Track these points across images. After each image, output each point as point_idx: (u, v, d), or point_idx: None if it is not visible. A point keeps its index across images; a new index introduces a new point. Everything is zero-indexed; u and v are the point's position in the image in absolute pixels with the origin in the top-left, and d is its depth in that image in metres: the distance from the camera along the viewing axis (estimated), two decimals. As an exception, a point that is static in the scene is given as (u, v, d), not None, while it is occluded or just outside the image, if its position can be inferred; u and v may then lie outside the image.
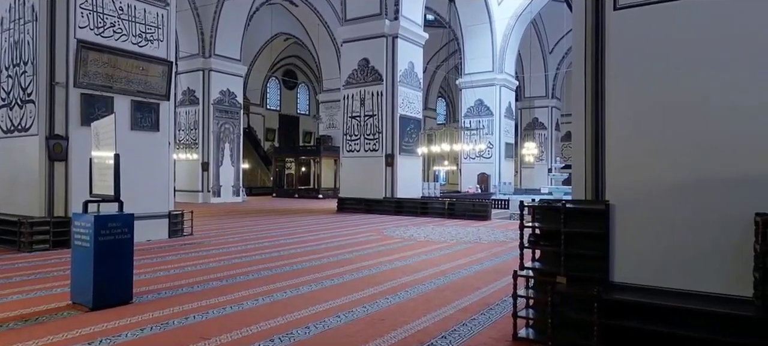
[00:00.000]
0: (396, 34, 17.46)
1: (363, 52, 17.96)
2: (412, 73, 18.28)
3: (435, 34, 24.05)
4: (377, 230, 12.21)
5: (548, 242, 4.05)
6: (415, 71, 18.46)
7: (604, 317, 3.45)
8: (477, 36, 24.44)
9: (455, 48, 26.06)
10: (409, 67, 18.05)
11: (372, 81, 17.77)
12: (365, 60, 17.92)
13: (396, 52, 17.51)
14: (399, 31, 17.42)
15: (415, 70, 18.46)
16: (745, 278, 3.25)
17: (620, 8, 3.82)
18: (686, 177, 3.55)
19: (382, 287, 5.86)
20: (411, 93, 18.23)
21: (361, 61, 18.00)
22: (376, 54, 17.68)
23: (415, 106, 18.56)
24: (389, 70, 17.56)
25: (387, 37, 17.50)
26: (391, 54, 17.55)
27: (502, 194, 22.99)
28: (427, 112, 35.29)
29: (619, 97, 3.82)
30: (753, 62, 3.34)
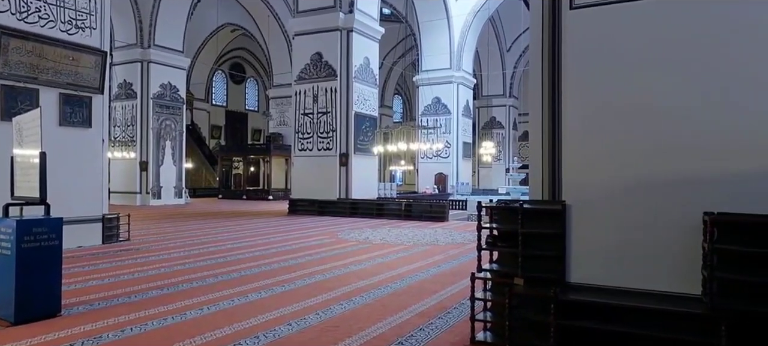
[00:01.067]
0: (351, 27, 17.43)
1: (316, 46, 17.83)
2: (368, 69, 18.31)
3: (391, 29, 24.20)
4: (331, 232, 12.15)
5: (506, 243, 4.15)
6: (371, 67, 18.50)
7: (561, 318, 3.57)
8: (434, 32, 24.77)
9: (412, 44, 26.29)
10: (364, 62, 18.07)
11: (325, 76, 17.66)
12: (318, 54, 17.79)
13: (351, 46, 17.48)
14: (354, 24, 17.40)
15: (371, 66, 18.49)
16: (694, 277, 3.45)
17: (576, 7, 3.96)
18: (639, 177, 3.73)
19: (336, 293, 5.84)
20: (366, 90, 18.26)
21: (314, 55, 17.86)
22: (329, 48, 17.59)
23: (371, 104, 18.60)
24: (344, 65, 17.51)
25: (341, 30, 17.44)
26: (345, 48, 17.51)
27: (459, 195, 23.39)
28: (384, 109, 35.43)
29: (575, 98, 3.97)
30: (701, 64, 3.55)
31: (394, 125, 31.01)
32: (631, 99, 3.76)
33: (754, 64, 3.40)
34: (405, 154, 21.97)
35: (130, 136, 21.46)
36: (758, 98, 3.38)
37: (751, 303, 3.16)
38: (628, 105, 3.77)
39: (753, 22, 3.40)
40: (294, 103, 18.57)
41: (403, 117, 41.66)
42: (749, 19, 3.42)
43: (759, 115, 3.37)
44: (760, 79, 3.38)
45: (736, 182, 3.42)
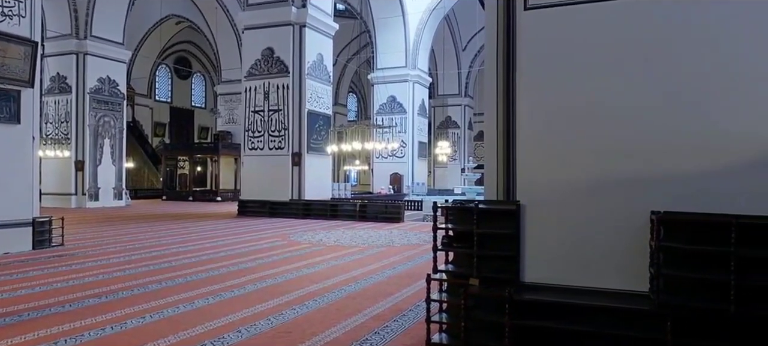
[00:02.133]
0: (304, 22, 17.27)
1: (267, 41, 17.56)
2: (321, 66, 18.19)
3: (346, 25, 24.11)
4: (283, 234, 12.00)
5: (461, 243, 4.22)
6: (325, 64, 18.39)
7: (516, 318, 3.67)
8: (390, 29, 24.88)
9: (367, 41, 26.32)
10: (317, 59, 17.94)
11: (277, 73, 17.42)
12: (270, 50, 17.53)
13: (304, 42, 17.32)
14: (307, 19, 17.26)
15: (325, 63, 18.39)
16: (643, 274, 3.62)
17: (530, 8, 4.08)
18: (590, 178, 3.88)
19: (288, 297, 5.77)
20: (320, 87, 18.14)
21: (265, 50, 17.58)
22: (281, 43, 17.36)
23: (325, 102, 18.49)
24: (296, 61, 17.33)
25: (294, 25, 17.25)
26: (298, 44, 17.33)
27: (415, 195, 23.61)
28: (338, 108, 35.32)
29: (529, 98, 4.08)
30: (649, 67, 3.72)
31: (348, 124, 30.94)
32: (583, 100, 3.90)
33: (699, 67, 3.59)
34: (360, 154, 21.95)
35: (64, 133, 20.43)
36: (703, 101, 3.58)
37: (694, 299, 3.34)
38: (579, 106, 3.92)
39: (698, 27, 3.60)
40: (244, 100, 18.22)
41: (357, 116, 41.65)
42: (695, 23, 3.61)
43: (703, 117, 3.57)
44: (704, 82, 3.58)
45: (681, 182, 3.61)
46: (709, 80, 3.57)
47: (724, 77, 3.53)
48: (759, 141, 3.43)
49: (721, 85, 3.54)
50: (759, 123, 3.44)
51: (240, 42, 21.32)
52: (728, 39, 3.52)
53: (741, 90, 3.49)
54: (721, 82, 3.54)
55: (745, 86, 3.48)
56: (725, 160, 3.51)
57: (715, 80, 3.55)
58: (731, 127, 3.50)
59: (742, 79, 3.49)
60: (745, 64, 3.49)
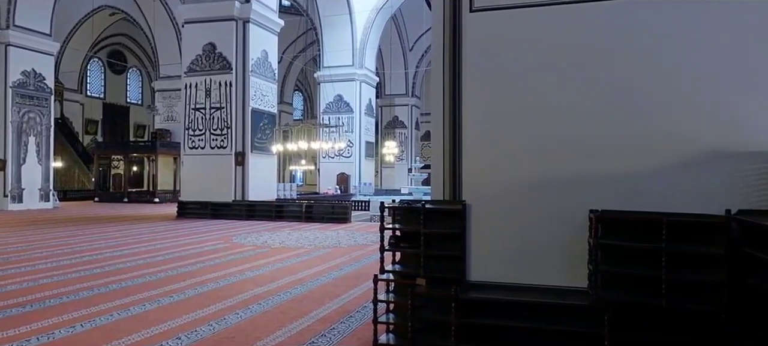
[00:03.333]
0: (247, 18, 16.92)
1: (209, 36, 17.08)
2: (266, 63, 17.89)
3: (291, 22, 23.84)
4: (225, 237, 11.70)
5: (408, 243, 4.25)
6: (270, 61, 18.10)
7: (462, 317, 3.74)
8: (336, 27, 24.78)
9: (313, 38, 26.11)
10: (262, 55, 17.63)
11: (219, 69, 16.98)
12: (211, 45, 17.06)
13: (247, 38, 16.97)
14: (251, 15, 16.92)
15: (270, 60, 18.09)
16: (582, 271, 3.78)
17: (476, 10, 4.17)
18: (532, 177, 4.01)
19: (231, 302, 5.63)
20: (264, 85, 17.83)
21: (206, 46, 17.10)
22: (224, 39, 16.93)
23: (270, 100, 18.19)
24: (240, 58, 16.95)
25: (237, 20, 16.88)
26: (241, 40, 16.96)
27: (362, 195, 23.62)
28: (283, 106, 34.81)
29: (474, 99, 4.18)
30: (588, 71, 3.89)
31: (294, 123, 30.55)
32: (526, 102, 4.03)
33: (634, 71, 3.79)
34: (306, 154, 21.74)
35: (-17, 130, 19.07)
36: (637, 104, 3.78)
37: (629, 294, 3.53)
38: (523, 108, 4.04)
39: (632, 33, 3.80)
40: (184, 97, 17.64)
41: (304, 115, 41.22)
42: (629, 29, 3.80)
43: (637, 120, 3.77)
44: (639, 85, 3.78)
45: (618, 182, 3.79)
46: (642, 84, 3.77)
47: (656, 82, 3.74)
48: (687, 142, 3.66)
49: (654, 89, 3.74)
50: (687, 125, 3.67)
51: (179, 36, 20.62)
52: (660, 45, 3.73)
53: (671, 94, 3.71)
54: (653, 86, 3.75)
55: (675, 90, 3.70)
56: (657, 161, 3.72)
57: (648, 84, 3.76)
58: (662, 129, 3.72)
59: (673, 83, 3.71)
60: (675, 69, 3.71)
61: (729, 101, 3.59)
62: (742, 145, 3.55)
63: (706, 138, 3.62)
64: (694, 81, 3.66)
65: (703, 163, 3.62)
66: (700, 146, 3.63)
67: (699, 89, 3.65)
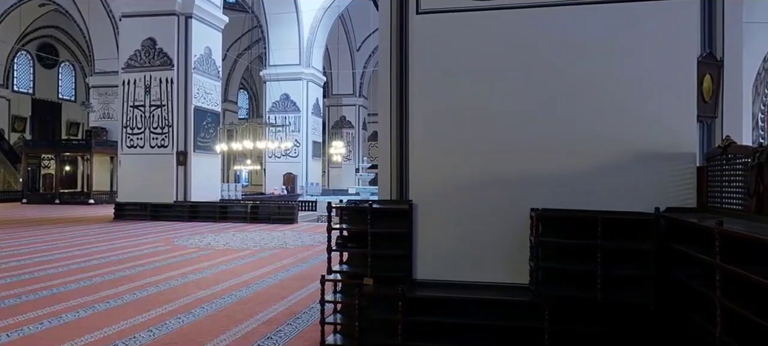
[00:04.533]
0: (190, 13, 16.41)
1: (148, 31, 16.44)
2: (210, 60, 17.40)
3: (236, 19, 23.29)
4: (167, 239, 11.30)
5: (356, 243, 4.26)
6: (213, 58, 17.61)
7: (408, 315, 3.78)
8: (283, 25, 24.42)
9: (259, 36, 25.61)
10: (205, 52, 17.14)
11: (160, 66, 16.38)
12: (151, 40, 16.43)
13: (190, 34, 16.45)
14: (193, 10, 16.41)
15: (213, 57, 17.61)
16: (524, 268, 3.91)
17: (422, 13, 4.23)
18: (475, 177, 4.11)
19: (172, 306, 5.45)
20: (208, 82, 17.34)
21: (146, 41, 16.44)
22: (165, 34, 16.34)
23: (213, 98, 17.71)
24: (182, 54, 16.41)
25: (179, 15, 16.33)
26: (183, 36, 16.43)
27: (309, 195, 23.41)
28: (228, 104, 33.99)
29: (420, 100, 4.24)
30: (528, 73, 4.03)
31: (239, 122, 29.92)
32: (470, 103, 4.13)
33: (571, 75, 3.96)
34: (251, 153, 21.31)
35: None
36: (574, 106, 3.95)
37: (568, 288, 3.68)
38: (467, 109, 4.14)
39: (570, 39, 3.96)
40: (121, 94, 16.89)
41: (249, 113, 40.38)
42: (567, 35, 3.97)
43: (575, 122, 3.94)
44: (575, 89, 3.95)
45: (557, 181, 3.95)
46: (578, 88, 3.95)
47: (590, 86, 3.93)
48: (620, 144, 3.86)
49: (588, 93, 3.93)
50: (619, 128, 3.87)
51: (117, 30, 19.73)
52: (594, 51, 3.92)
53: (604, 98, 3.90)
54: (588, 90, 3.93)
55: (608, 95, 3.90)
56: (593, 162, 3.90)
57: (583, 89, 3.94)
58: (597, 131, 3.90)
59: (606, 88, 3.90)
60: (607, 75, 3.90)
61: (656, 106, 3.82)
62: (668, 148, 3.79)
63: (637, 140, 3.84)
64: (624, 86, 3.87)
65: (634, 164, 3.83)
66: (632, 148, 3.84)
67: (629, 94, 3.86)
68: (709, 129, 4.12)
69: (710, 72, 3.98)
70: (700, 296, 2.99)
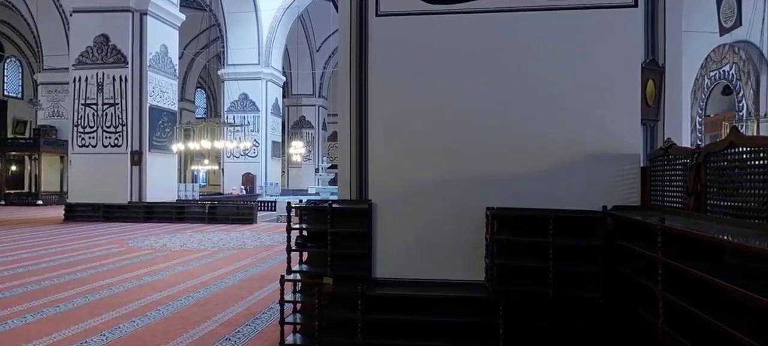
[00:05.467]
0: (145, 10, 15.89)
1: (101, 27, 15.82)
2: (166, 58, 16.90)
3: (194, 17, 22.70)
4: (121, 240, 10.91)
5: (315, 243, 4.23)
6: (170, 56, 17.11)
7: (368, 313, 3.78)
8: (242, 25, 23.98)
9: (217, 35, 25.06)
10: (161, 50, 16.63)
11: (113, 63, 15.79)
12: (104, 37, 15.82)
13: (145, 31, 15.93)
14: (149, 7, 15.91)
15: (170, 55, 17.11)
16: (480, 265, 3.98)
17: (381, 15, 4.24)
18: (433, 177, 4.15)
19: (126, 309, 5.26)
20: (164, 81, 16.84)
21: (98, 37, 15.82)
22: (118, 31, 15.76)
23: (170, 96, 17.21)
24: (136, 51, 15.87)
25: (133, 12, 15.79)
26: (138, 33, 15.89)
27: (268, 195, 23.08)
28: (185, 103, 33.06)
29: (379, 101, 4.25)
30: (484, 76, 4.10)
31: (196, 121, 29.19)
32: (428, 105, 4.17)
33: (525, 79, 4.05)
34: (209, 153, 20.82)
35: None
36: (527, 109, 4.04)
37: (522, 285, 3.76)
38: (425, 110, 4.17)
39: (524, 43, 4.06)
40: (72, 92, 16.19)
41: (207, 113, 39.43)
42: (521, 39, 4.06)
43: (528, 124, 4.04)
44: (528, 92, 4.05)
45: (512, 181, 4.04)
46: (531, 91, 4.05)
47: (543, 90, 4.03)
48: (570, 145, 3.98)
49: (541, 96, 4.03)
50: (570, 130, 3.99)
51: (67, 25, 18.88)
52: (546, 56, 4.03)
53: (556, 101, 4.02)
54: (540, 93, 4.03)
55: (559, 98, 4.01)
56: (545, 162, 4.01)
57: (536, 92, 4.04)
58: (549, 133, 4.01)
59: (557, 91, 4.02)
60: (559, 79, 4.02)
61: (603, 109, 3.96)
62: (615, 149, 3.94)
63: (586, 142, 3.97)
64: (574, 90, 4.00)
65: (583, 164, 3.96)
66: (581, 149, 3.97)
67: (579, 98, 3.99)
68: (652, 131, 4.31)
69: (653, 77, 4.16)
70: (644, 290, 3.12)
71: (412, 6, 4.18)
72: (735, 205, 2.77)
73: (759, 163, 2.56)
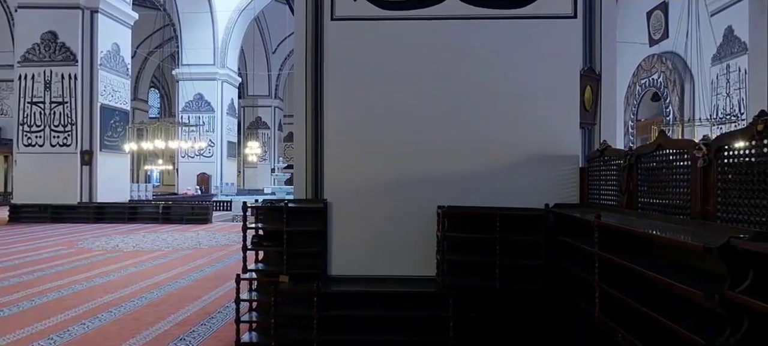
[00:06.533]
0: (96, 7, 15.18)
1: (49, 24, 14.99)
2: (118, 57, 16.20)
3: (147, 16, 21.89)
4: (70, 242, 10.38)
5: (272, 242, 4.17)
6: (122, 55, 16.42)
7: (323, 310, 3.76)
8: (196, 25, 23.29)
9: (171, 34, 24.24)
10: (113, 49, 15.93)
11: (62, 61, 15.00)
12: (52, 34, 15.00)
13: (96, 29, 15.21)
14: (100, 4, 15.20)
15: (122, 54, 16.42)
16: (432, 261, 4.02)
17: (336, 19, 4.22)
18: (387, 177, 4.17)
19: (76, 312, 5.01)
20: (116, 80, 16.14)
21: (46, 34, 14.99)
22: (67, 28, 14.99)
23: (122, 96, 16.51)
24: (86, 49, 15.13)
25: (83, 9, 15.04)
26: (89, 31, 15.16)
27: (224, 195, 22.53)
28: (138, 103, 31.81)
29: (334, 102, 4.23)
30: (433, 79, 4.16)
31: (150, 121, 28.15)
32: (381, 107, 4.18)
33: (473, 83, 4.14)
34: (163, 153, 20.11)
35: None
36: (477, 112, 4.13)
37: (471, 279, 3.84)
38: (379, 112, 4.19)
39: (472, 49, 4.14)
40: (18, 89, 15.26)
41: (161, 113, 38.06)
42: (469, 46, 4.14)
43: (476, 126, 4.12)
44: (476, 96, 4.13)
45: (461, 181, 4.11)
46: (479, 95, 4.14)
47: (490, 94, 4.13)
48: (515, 147, 4.10)
49: (488, 100, 4.13)
50: (514, 132, 4.10)
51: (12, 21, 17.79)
52: (493, 62, 4.12)
53: (502, 105, 4.12)
54: (487, 97, 4.13)
55: (505, 102, 4.12)
56: (492, 163, 4.10)
57: (483, 96, 4.13)
58: (495, 135, 4.11)
59: (503, 96, 4.12)
60: (504, 84, 4.12)
61: (546, 113, 4.10)
62: (556, 150, 4.08)
63: (530, 144, 4.09)
64: (519, 95, 4.11)
65: (528, 165, 4.08)
66: (525, 151, 4.09)
67: (523, 102, 4.11)
68: (589, 134, 4.48)
69: (591, 84, 4.33)
70: (583, 282, 3.24)
71: (367, 11, 4.19)
72: (663, 202, 2.92)
73: (683, 164, 2.71)
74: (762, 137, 2.09)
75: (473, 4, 4.14)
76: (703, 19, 11.23)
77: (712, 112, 11.51)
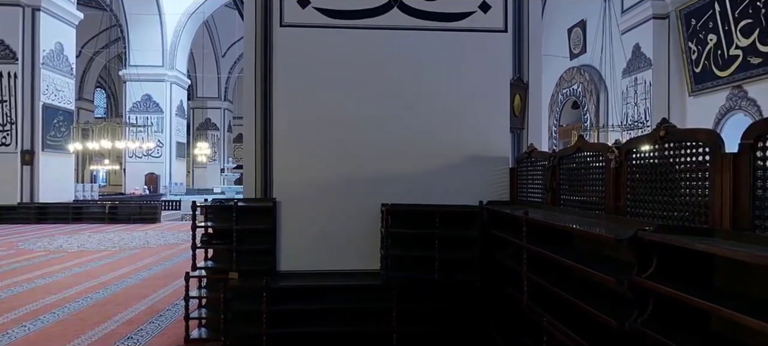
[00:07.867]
0: (38, 6, 14.11)
1: (-13, 21, 13.79)
2: (62, 56, 15.14)
3: (93, 16, 20.62)
4: (10, 243, 9.59)
5: (221, 240, 4.04)
6: (66, 54, 15.36)
7: (272, 305, 3.68)
8: (144, 26, 22.17)
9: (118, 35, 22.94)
10: (56, 48, 14.87)
11: (2, 59, 13.83)
12: (-10, 31, 13.80)
13: (38, 27, 14.14)
14: (42, 3, 14.14)
15: (66, 53, 15.36)
16: (376, 255, 4.04)
17: (285, 26, 4.15)
18: (333, 177, 4.16)
19: (16, 314, 4.64)
20: (59, 79, 15.08)
21: (-17, 31, 13.77)
22: (8, 26, 13.84)
23: (66, 95, 15.45)
24: (28, 48, 14.04)
25: (24, 7, 13.95)
26: (30, 29, 14.07)
27: (173, 195, 21.59)
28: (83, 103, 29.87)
29: (283, 105, 4.16)
30: (375, 84, 4.18)
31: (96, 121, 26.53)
32: (326, 109, 4.16)
33: (414, 88, 4.19)
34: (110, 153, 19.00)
35: None
36: (416, 115, 4.19)
37: (412, 272, 3.88)
38: (324, 115, 4.16)
39: (413, 57, 4.19)
40: (-49, 87, 13.92)
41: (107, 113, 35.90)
42: (410, 54, 4.19)
43: (417, 128, 4.18)
44: (417, 100, 4.19)
45: (403, 180, 4.15)
46: (419, 100, 4.20)
47: (430, 99, 4.20)
48: (453, 148, 4.19)
49: (428, 105, 4.20)
50: (452, 135, 4.20)
51: (-55, 17, 16.22)
52: (433, 69, 4.20)
53: (441, 110, 4.20)
54: (428, 102, 4.20)
55: (444, 107, 4.20)
56: (431, 163, 4.18)
57: (423, 101, 4.20)
58: (435, 137, 4.19)
59: (442, 101, 4.20)
60: (444, 90, 4.21)
61: (479, 118, 4.22)
62: (489, 152, 4.21)
63: (465, 146, 4.20)
64: (455, 101, 4.22)
65: (463, 165, 4.18)
66: (461, 152, 4.19)
67: (458, 107, 4.21)
68: (518, 138, 4.65)
69: (519, 92, 4.49)
70: (513, 272, 3.36)
71: (313, 19, 4.15)
72: (582, 199, 3.07)
73: (599, 165, 2.87)
74: (663, 142, 2.24)
75: (415, 16, 4.20)
76: (615, 37, 11.94)
77: (622, 119, 12.26)
